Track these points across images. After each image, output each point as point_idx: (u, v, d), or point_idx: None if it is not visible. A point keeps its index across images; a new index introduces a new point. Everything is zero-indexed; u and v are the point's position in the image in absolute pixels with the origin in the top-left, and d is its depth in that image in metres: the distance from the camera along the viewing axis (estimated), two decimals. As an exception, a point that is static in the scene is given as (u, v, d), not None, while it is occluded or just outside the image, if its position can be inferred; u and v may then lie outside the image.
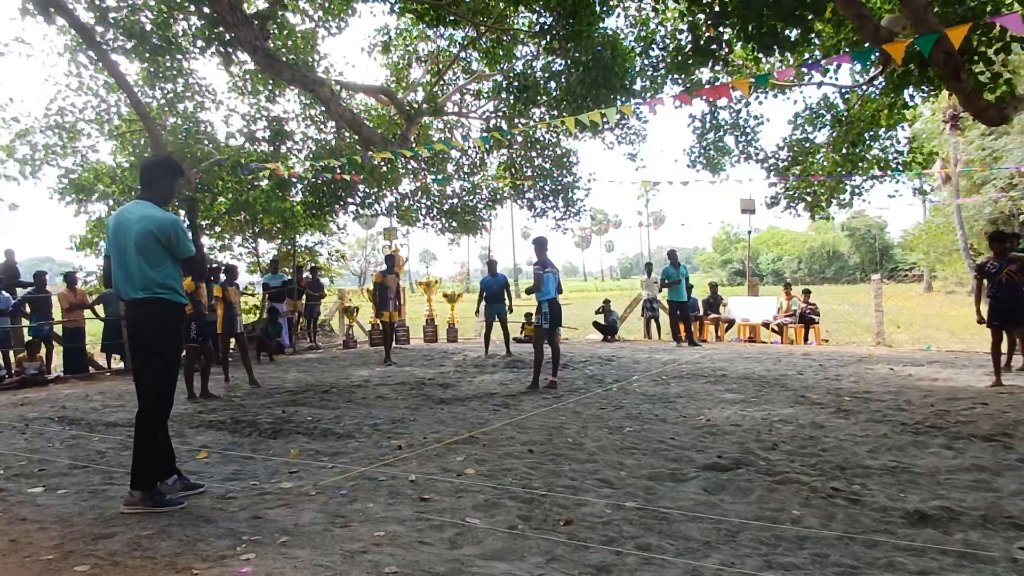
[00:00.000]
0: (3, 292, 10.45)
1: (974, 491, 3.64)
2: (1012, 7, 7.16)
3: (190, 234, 3.85)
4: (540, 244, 7.85)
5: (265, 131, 13.97)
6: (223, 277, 8.63)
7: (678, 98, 7.44)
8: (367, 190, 15.01)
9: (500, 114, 14.29)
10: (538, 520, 3.33)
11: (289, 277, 13.69)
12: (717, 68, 11.14)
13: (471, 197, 16.81)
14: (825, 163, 12.26)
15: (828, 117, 12.22)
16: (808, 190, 12.59)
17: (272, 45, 11.68)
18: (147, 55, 10.67)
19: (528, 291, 7.97)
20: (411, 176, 15.99)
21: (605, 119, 8.13)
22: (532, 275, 7.88)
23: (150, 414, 3.64)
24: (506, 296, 11.13)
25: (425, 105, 13.57)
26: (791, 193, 12.91)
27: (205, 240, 14.47)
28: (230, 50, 10.82)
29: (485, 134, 12.29)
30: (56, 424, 6.30)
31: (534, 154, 15.80)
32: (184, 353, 7.33)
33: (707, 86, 10.53)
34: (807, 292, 13.47)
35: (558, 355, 8.02)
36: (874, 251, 57.75)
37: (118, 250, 3.67)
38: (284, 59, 11.48)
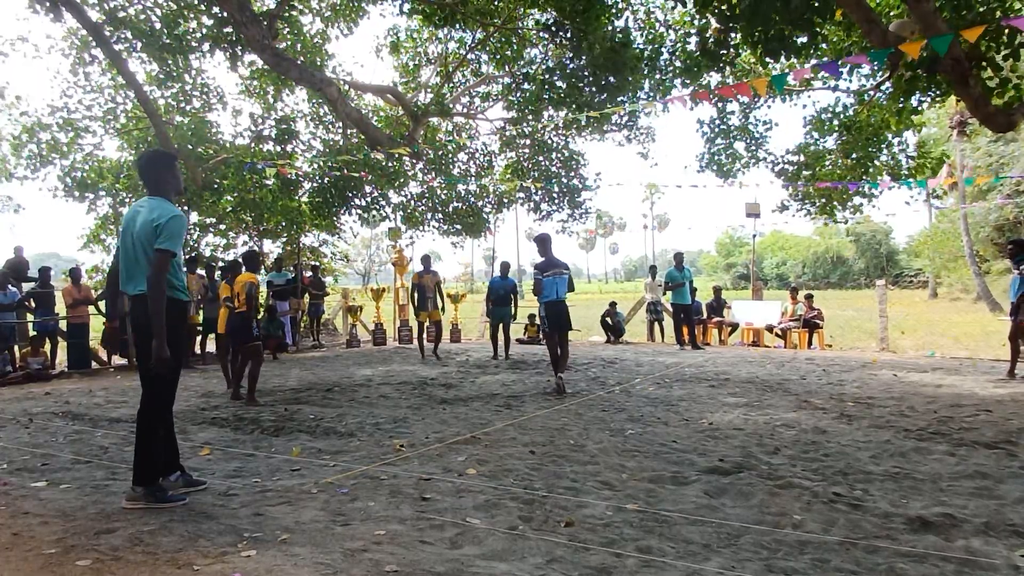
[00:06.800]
0: (11, 287, 10.49)
1: (976, 498, 3.63)
2: (1021, 11, 7.15)
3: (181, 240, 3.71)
4: (541, 241, 7.62)
5: (272, 130, 14.02)
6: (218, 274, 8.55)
7: (697, 95, 7.44)
8: (374, 191, 15.03)
9: (512, 115, 14.29)
10: (539, 521, 3.33)
11: (293, 275, 13.73)
12: (726, 71, 11.15)
13: (477, 200, 16.82)
14: (835, 169, 12.26)
15: (836, 123, 12.21)
16: (822, 195, 12.59)
17: (281, 45, 11.72)
18: (156, 54, 10.72)
19: (534, 292, 7.90)
20: (418, 177, 16.01)
21: (623, 115, 8.08)
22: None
23: (148, 409, 3.65)
24: (513, 301, 11.07)
25: (433, 106, 13.59)
26: (800, 198, 12.91)
27: (210, 239, 14.52)
28: (238, 49, 10.86)
29: (509, 129, 12.28)
30: (59, 419, 6.33)
31: (541, 157, 15.80)
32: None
33: (723, 86, 10.51)
34: (809, 297, 13.40)
35: (565, 356, 7.79)
36: (879, 256, 57.59)
37: (125, 245, 3.68)
38: (292, 58, 11.51)
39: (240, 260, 7.92)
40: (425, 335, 11.78)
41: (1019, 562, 2.79)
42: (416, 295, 11.04)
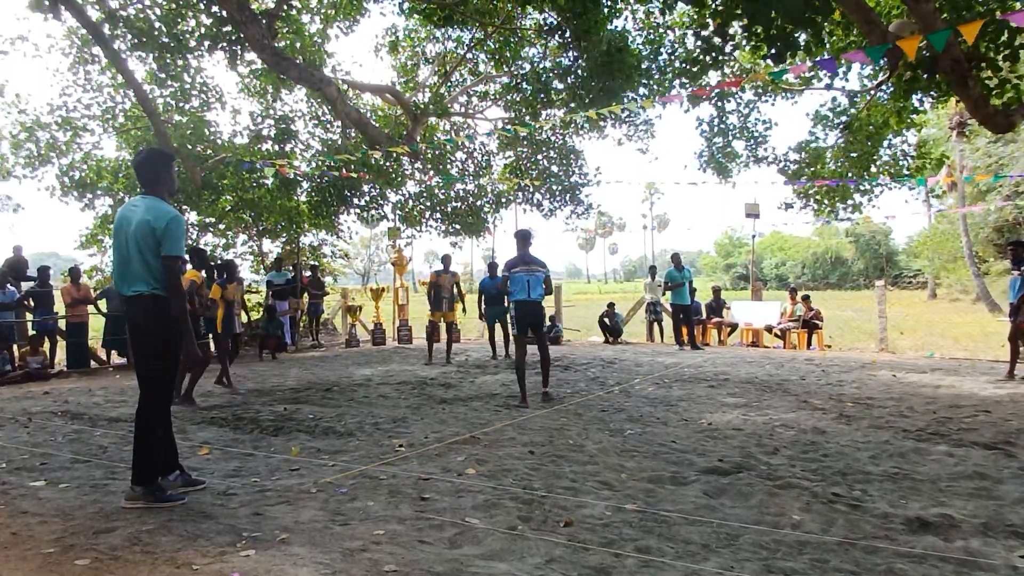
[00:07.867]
0: (10, 287, 10.49)
1: (975, 499, 3.63)
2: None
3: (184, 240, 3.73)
4: (521, 238, 7.15)
5: (271, 130, 14.01)
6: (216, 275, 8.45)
7: (697, 92, 7.43)
8: (372, 191, 15.02)
9: (511, 115, 14.28)
10: (538, 521, 3.33)
11: (292, 275, 13.73)
12: (726, 72, 11.14)
13: (476, 200, 16.81)
14: (834, 167, 12.28)
15: (836, 121, 12.22)
16: (821, 193, 12.62)
17: (280, 44, 11.70)
18: (155, 53, 10.71)
19: (501, 289, 7.60)
20: (416, 177, 16.00)
21: (624, 111, 8.07)
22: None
23: (147, 408, 3.65)
24: (505, 299, 11.04)
25: (431, 106, 13.59)
26: (802, 196, 12.93)
27: (209, 238, 14.51)
28: (237, 48, 10.84)
29: (508, 127, 12.29)
30: (58, 418, 6.33)
31: (540, 156, 15.78)
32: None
33: (723, 82, 10.49)
34: (806, 298, 13.39)
35: (547, 363, 7.24)
36: (878, 257, 57.60)
37: (119, 245, 3.67)
38: (292, 58, 11.50)
39: (225, 263, 7.83)
40: (435, 335, 11.75)
41: (1018, 563, 2.79)
42: (432, 294, 10.95)
